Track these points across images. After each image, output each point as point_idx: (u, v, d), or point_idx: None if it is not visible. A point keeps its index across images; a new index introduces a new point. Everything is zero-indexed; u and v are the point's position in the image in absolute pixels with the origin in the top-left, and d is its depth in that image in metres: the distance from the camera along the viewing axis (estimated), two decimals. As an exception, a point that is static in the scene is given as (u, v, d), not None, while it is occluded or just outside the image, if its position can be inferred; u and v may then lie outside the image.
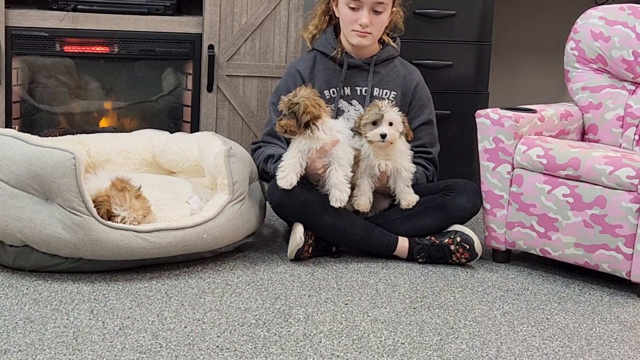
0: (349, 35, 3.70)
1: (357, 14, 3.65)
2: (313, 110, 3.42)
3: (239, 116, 4.30)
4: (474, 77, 4.34)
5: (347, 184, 3.45)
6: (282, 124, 3.45)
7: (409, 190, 3.58)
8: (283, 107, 3.44)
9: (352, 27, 3.67)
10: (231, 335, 2.83)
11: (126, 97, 4.47)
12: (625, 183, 3.28)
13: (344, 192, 3.44)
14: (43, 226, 3.16)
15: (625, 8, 3.88)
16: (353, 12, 3.65)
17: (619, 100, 3.84)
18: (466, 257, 3.56)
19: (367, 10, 3.63)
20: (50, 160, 3.16)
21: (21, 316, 2.88)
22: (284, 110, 3.44)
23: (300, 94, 3.44)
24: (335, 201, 3.44)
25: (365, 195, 3.54)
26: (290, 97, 3.45)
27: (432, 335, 2.92)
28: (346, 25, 3.69)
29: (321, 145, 3.43)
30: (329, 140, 3.44)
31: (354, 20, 3.65)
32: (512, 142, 3.55)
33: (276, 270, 3.43)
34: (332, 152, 3.45)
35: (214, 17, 4.22)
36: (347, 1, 3.65)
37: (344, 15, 3.68)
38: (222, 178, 3.48)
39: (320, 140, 3.44)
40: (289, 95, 3.46)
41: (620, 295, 3.37)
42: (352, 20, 3.66)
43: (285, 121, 3.44)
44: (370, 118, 3.46)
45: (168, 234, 3.28)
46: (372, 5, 3.63)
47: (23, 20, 4.11)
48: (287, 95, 3.49)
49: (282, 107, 3.45)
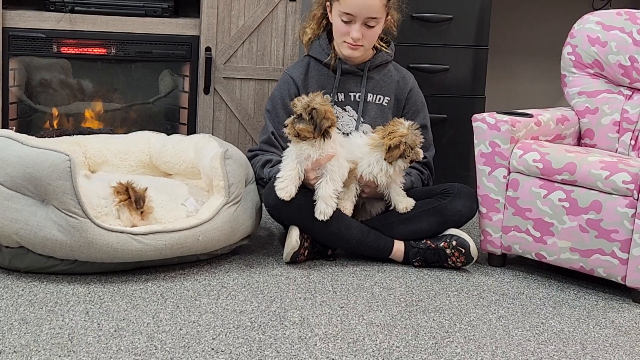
0: (340, 46, 3.69)
1: (349, 27, 3.63)
2: (332, 116, 3.42)
3: (236, 118, 4.31)
4: (470, 81, 4.35)
5: (334, 198, 3.44)
6: (298, 128, 3.40)
7: (403, 194, 3.58)
8: (301, 110, 3.40)
9: (343, 39, 3.66)
10: (226, 337, 2.83)
11: (123, 99, 4.47)
12: (621, 188, 3.28)
13: (330, 207, 3.43)
14: (39, 228, 3.16)
15: (622, 13, 3.88)
16: (345, 25, 3.64)
17: (615, 106, 3.84)
18: (462, 261, 3.56)
19: (360, 24, 3.62)
20: (45, 162, 3.15)
21: (16, 317, 2.88)
22: (302, 113, 3.40)
23: (317, 100, 3.42)
24: (320, 213, 3.43)
25: (349, 200, 3.54)
26: (308, 101, 3.41)
27: (428, 339, 2.92)
28: (338, 36, 3.68)
29: (317, 158, 3.42)
30: (325, 154, 3.43)
31: (346, 32, 3.65)
32: (508, 147, 3.55)
33: (272, 273, 3.43)
34: (326, 165, 3.44)
35: (211, 20, 4.22)
36: (340, 14, 3.63)
37: (337, 26, 3.67)
38: (218, 180, 3.48)
39: (323, 151, 3.42)
40: (306, 100, 3.43)
41: (615, 300, 3.37)
42: (343, 32, 3.65)
43: (302, 125, 3.39)
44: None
45: (164, 236, 3.27)
46: (365, 20, 3.62)
47: (20, 21, 4.11)
48: (297, 99, 3.45)
49: (300, 110, 3.41)
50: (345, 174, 3.48)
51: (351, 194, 3.55)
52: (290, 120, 3.43)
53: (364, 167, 3.51)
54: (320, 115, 3.38)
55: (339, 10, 3.63)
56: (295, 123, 3.40)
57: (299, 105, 3.41)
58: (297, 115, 3.41)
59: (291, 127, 3.41)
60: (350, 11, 3.60)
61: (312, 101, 3.40)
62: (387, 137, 3.48)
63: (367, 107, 3.75)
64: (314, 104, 3.39)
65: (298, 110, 3.41)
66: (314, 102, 3.39)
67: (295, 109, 3.42)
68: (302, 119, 3.40)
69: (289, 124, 3.42)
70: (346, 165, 3.49)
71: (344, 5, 3.61)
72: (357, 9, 3.60)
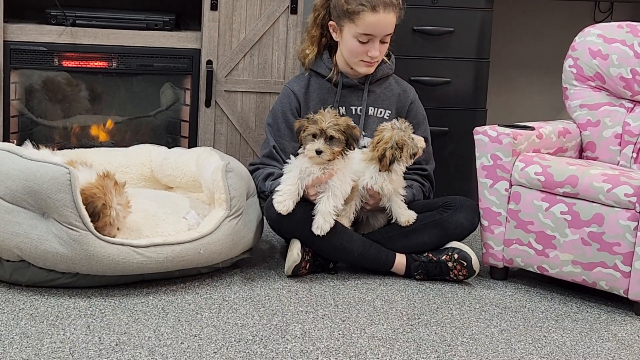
0: (355, 65, 3.69)
1: (367, 47, 3.63)
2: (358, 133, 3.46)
3: (237, 132, 4.31)
4: (472, 93, 4.35)
5: (334, 214, 3.43)
6: (336, 152, 3.37)
7: (404, 207, 3.57)
8: (335, 132, 3.35)
9: (360, 58, 3.66)
10: (228, 351, 2.82)
11: (124, 112, 4.47)
12: (623, 201, 3.28)
13: (328, 222, 3.41)
14: (40, 241, 3.15)
15: (624, 26, 3.88)
16: (362, 45, 3.64)
17: (617, 118, 3.84)
18: (464, 274, 3.55)
19: (378, 42, 3.63)
20: (45, 175, 3.15)
21: (17, 331, 2.87)
22: (334, 134, 3.36)
23: (343, 119, 3.42)
24: (317, 228, 3.42)
25: (346, 217, 3.54)
26: (334, 121, 3.38)
27: (429, 352, 2.91)
28: (354, 56, 3.67)
29: (319, 175, 3.41)
30: (327, 172, 3.42)
31: (363, 52, 3.64)
32: (510, 159, 3.55)
33: (273, 286, 3.42)
34: (329, 181, 3.43)
35: (212, 33, 4.22)
36: (357, 35, 3.62)
37: (352, 47, 3.65)
38: (220, 193, 3.48)
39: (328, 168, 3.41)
40: (339, 118, 3.40)
41: (617, 313, 3.36)
42: (360, 52, 3.65)
43: (336, 148, 3.37)
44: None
45: (165, 249, 3.27)
46: (382, 38, 3.64)
47: (22, 35, 4.11)
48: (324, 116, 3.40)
49: (334, 132, 3.35)
50: (348, 190, 3.47)
51: (350, 211, 3.55)
52: (321, 144, 3.37)
53: (367, 180, 3.51)
54: (356, 135, 3.41)
55: (356, 32, 3.62)
56: (328, 148, 3.36)
57: (336, 123, 3.38)
58: (327, 137, 3.37)
59: (331, 151, 3.36)
60: (370, 32, 3.60)
61: (339, 119, 3.40)
62: (375, 149, 3.48)
63: (368, 121, 3.74)
64: (348, 122, 3.40)
65: (330, 131, 3.36)
66: (343, 120, 3.40)
67: (328, 130, 3.37)
68: (333, 140, 3.38)
69: (324, 149, 3.36)
70: (349, 182, 3.48)
71: (362, 27, 3.60)
72: (378, 29, 3.60)
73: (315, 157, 3.38)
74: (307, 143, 3.40)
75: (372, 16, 3.60)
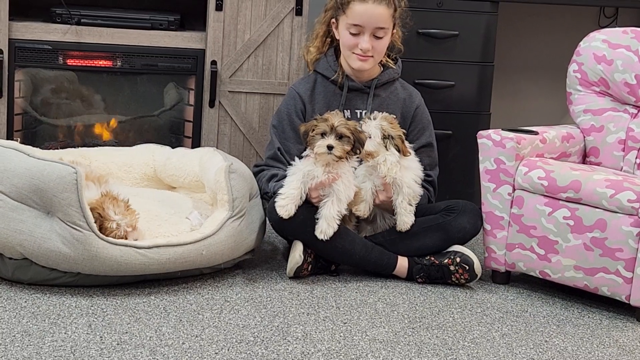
0: (349, 58, 3.70)
1: (358, 39, 3.64)
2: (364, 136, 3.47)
3: (241, 132, 4.31)
4: (476, 97, 4.35)
5: (337, 219, 3.43)
6: (346, 150, 3.38)
7: (410, 209, 3.55)
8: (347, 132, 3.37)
9: (352, 51, 3.67)
10: (229, 352, 2.82)
11: (128, 111, 4.47)
12: (626, 207, 3.28)
13: (331, 227, 3.42)
14: (43, 240, 3.15)
15: (629, 32, 3.88)
16: (354, 37, 3.65)
17: (620, 124, 3.84)
18: (465, 278, 3.55)
19: (368, 35, 3.63)
20: (52, 174, 3.16)
21: (19, 329, 2.87)
22: (345, 134, 3.37)
23: (352, 122, 3.43)
24: (320, 232, 3.42)
25: (365, 201, 3.52)
26: (351, 123, 3.41)
27: (431, 355, 2.91)
28: (346, 49, 3.69)
29: (322, 179, 3.41)
30: (331, 176, 3.42)
31: (355, 45, 3.65)
32: (513, 164, 3.55)
33: (275, 287, 3.42)
34: (333, 185, 3.43)
35: (217, 33, 4.22)
36: (348, 26, 3.64)
37: (345, 39, 3.68)
38: (222, 194, 3.48)
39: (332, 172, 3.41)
40: (349, 122, 3.42)
41: (619, 319, 3.36)
42: (352, 45, 3.66)
43: (346, 146, 3.38)
44: None
45: (167, 250, 3.27)
46: (373, 31, 3.63)
47: (27, 33, 4.11)
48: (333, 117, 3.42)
49: (345, 132, 3.37)
50: (352, 195, 3.47)
51: (367, 196, 3.52)
52: (333, 141, 3.38)
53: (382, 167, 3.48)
54: (362, 140, 3.41)
55: (347, 22, 3.64)
56: (339, 144, 3.38)
57: (347, 125, 3.39)
58: (337, 135, 3.38)
59: (342, 149, 3.38)
60: (358, 22, 3.61)
61: (349, 122, 3.42)
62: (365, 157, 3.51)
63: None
64: (356, 126, 3.42)
65: (342, 130, 3.37)
66: (352, 123, 3.42)
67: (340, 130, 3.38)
68: (343, 139, 3.38)
69: (335, 145, 3.37)
70: (353, 187, 3.47)
71: (351, 17, 3.62)
72: (366, 19, 3.61)
73: (325, 154, 3.38)
74: (316, 142, 3.40)
75: (360, 6, 3.62)
